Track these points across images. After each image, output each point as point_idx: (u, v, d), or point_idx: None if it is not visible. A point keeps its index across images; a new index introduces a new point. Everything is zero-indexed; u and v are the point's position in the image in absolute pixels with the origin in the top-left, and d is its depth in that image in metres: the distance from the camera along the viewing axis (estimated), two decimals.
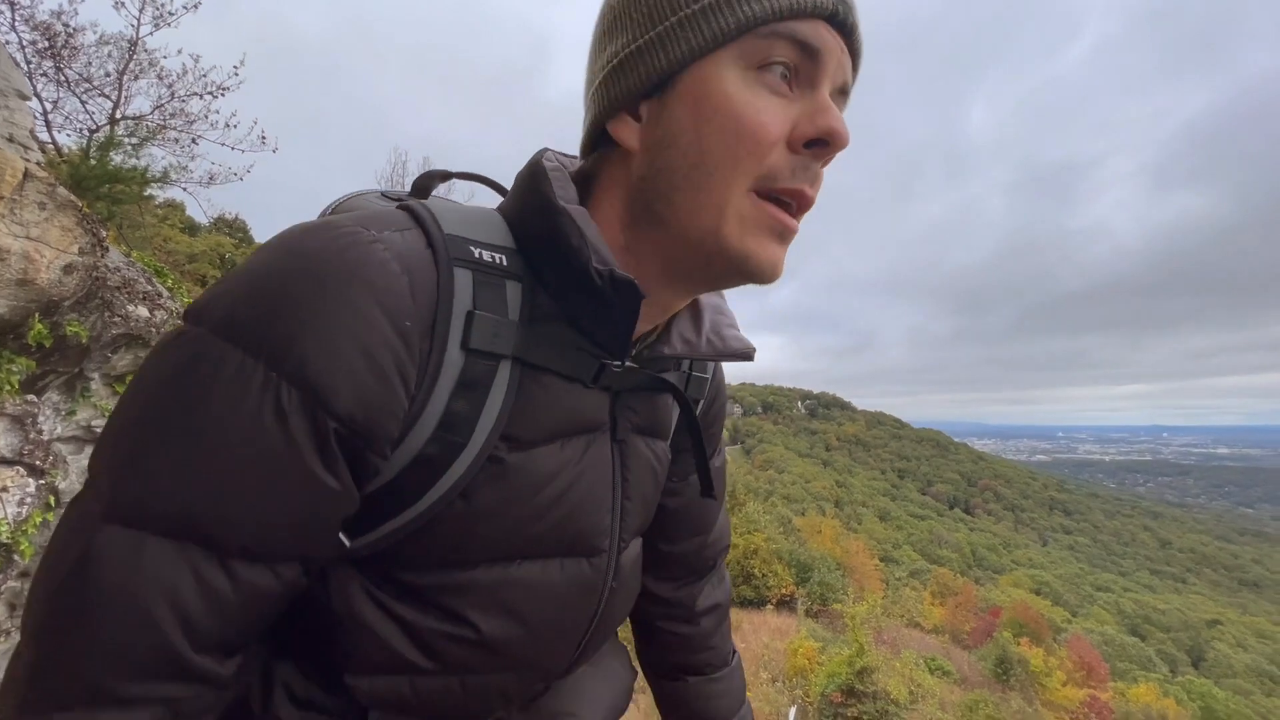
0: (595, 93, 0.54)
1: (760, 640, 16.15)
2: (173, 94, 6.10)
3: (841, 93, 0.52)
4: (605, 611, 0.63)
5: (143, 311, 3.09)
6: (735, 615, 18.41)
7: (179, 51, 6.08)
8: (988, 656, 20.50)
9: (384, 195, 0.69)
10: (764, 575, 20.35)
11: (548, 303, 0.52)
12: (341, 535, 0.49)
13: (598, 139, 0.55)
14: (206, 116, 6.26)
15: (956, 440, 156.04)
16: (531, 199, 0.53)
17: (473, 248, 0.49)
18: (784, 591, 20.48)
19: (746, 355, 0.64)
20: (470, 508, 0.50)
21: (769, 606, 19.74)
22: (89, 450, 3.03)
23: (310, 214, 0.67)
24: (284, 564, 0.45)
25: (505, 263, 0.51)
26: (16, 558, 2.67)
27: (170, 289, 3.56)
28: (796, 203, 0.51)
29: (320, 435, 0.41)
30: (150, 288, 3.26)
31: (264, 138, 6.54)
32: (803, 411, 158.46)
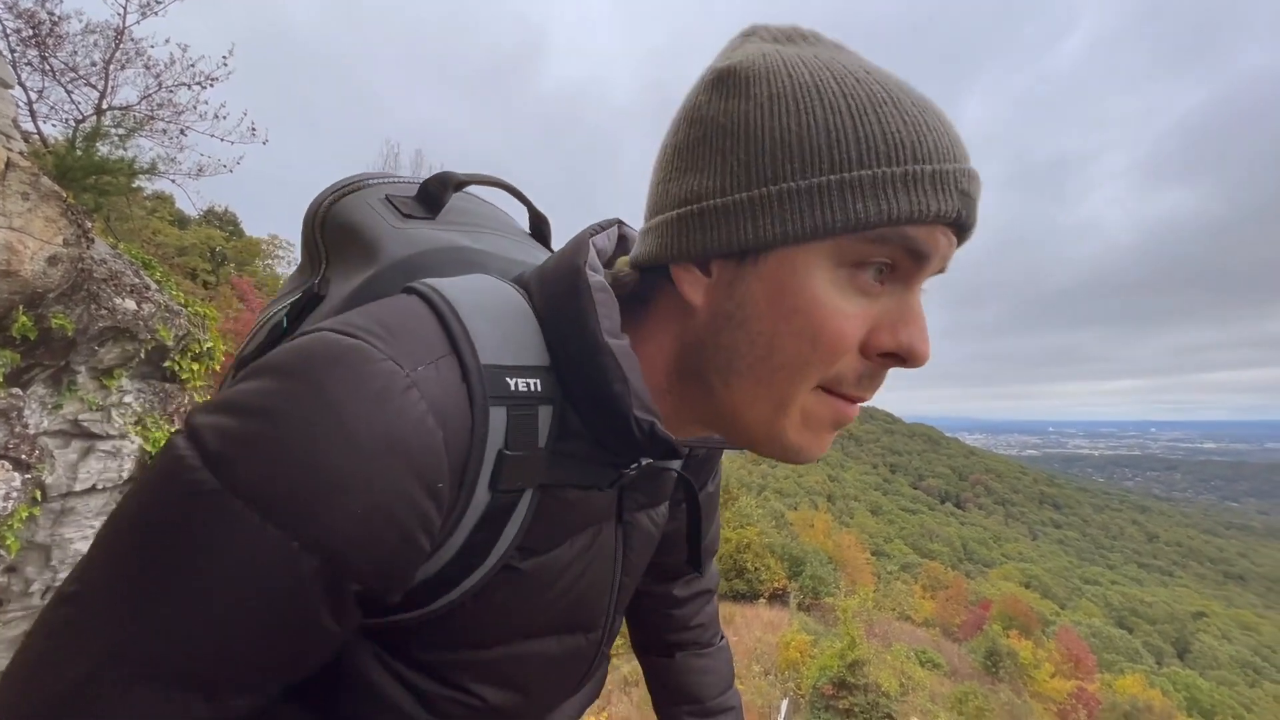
0: (666, 225, 0.49)
1: (753, 634, 16.24)
2: (160, 84, 6.01)
3: (937, 271, 0.47)
4: (592, 671, 0.67)
5: (130, 304, 3.05)
6: (728, 609, 18.49)
7: (166, 41, 6.00)
8: (977, 649, 20.71)
9: (390, 202, 0.62)
10: (756, 569, 20.44)
11: (576, 423, 0.49)
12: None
13: (659, 267, 0.50)
14: (195, 107, 6.19)
15: (948, 435, 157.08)
16: (571, 326, 0.48)
17: (509, 378, 0.45)
18: (776, 585, 20.59)
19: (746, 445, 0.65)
20: (481, 606, 0.50)
21: (761, 600, 19.83)
22: (76, 444, 3.00)
23: (301, 205, 0.63)
24: (273, 688, 0.43)
25: (540, 389, 0.47)
26: (2, 552, 2.64)
27: (159, 281, 3.52)
28: (858, 402, 0.49)
29: (337, 596, 0.40)
30: (138, 280, 3.22)
31: (254, 129, 6.47)
32: None
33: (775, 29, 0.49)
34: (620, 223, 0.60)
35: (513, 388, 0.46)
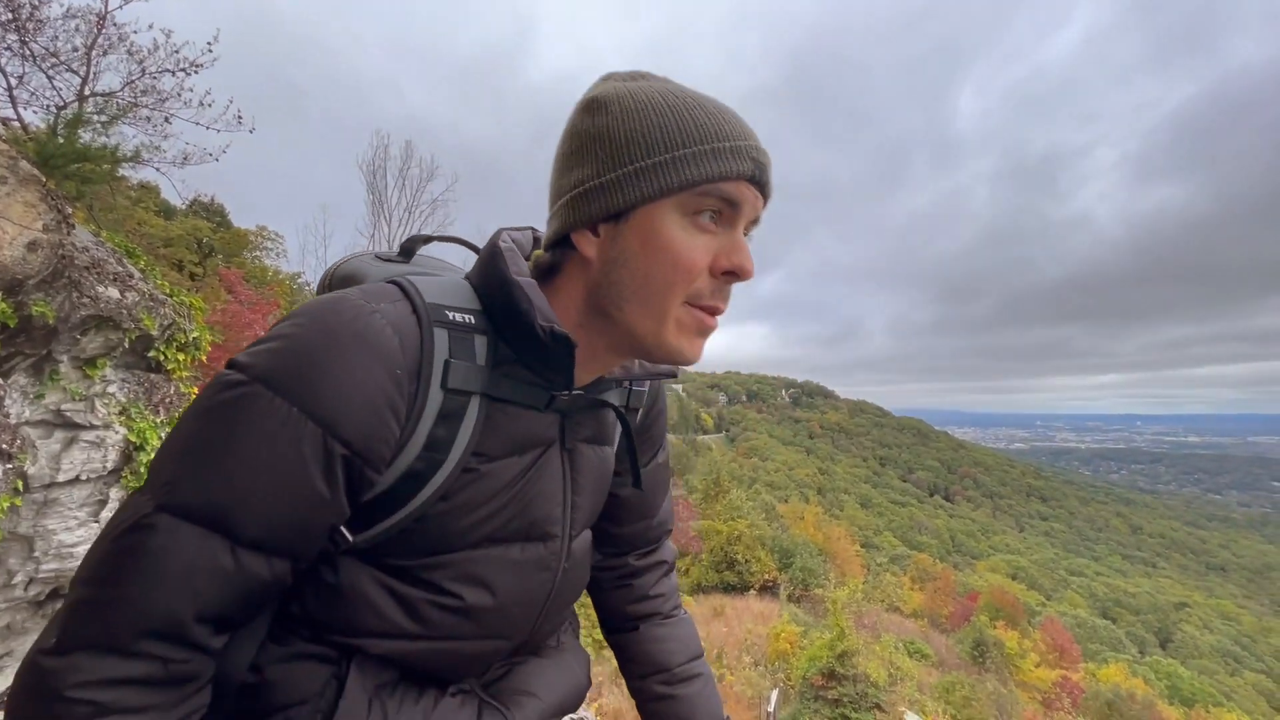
0: (563, 207, 0.67)
1: (743, 625, 16.35)
2: (144, 70, 5.88)
3: (753, 223, 0.68)
4: (560, 586, 0.77)
5: (113, 293, 3.01)
6: (719, 600, 18.60)
7: (150, 26, 5.86)
8: (965, 639, 20.96)
9: (377, 258, 0.86)
10: (747, 561, 20.57)
11: (507, 351, 0.67)
12: (345, 532, 0.62)
13: (563, 240, 0.69)
14: (180, 94, 6.05)
15: (937, 428, 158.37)
16: (491, 273, 0.68)
17: (448, 311, 0.65)
18: (767, 577, 20.73)
19: (671, 374, 0.83)
20: (449, 506, 0.65)
21: (752, 592, 19.96)
22: (58, 434, 2.96)
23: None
24: (278, 558, 0.57)
25: (473, 321, 0.66)
26: None
27: (143, 270, 3.47)
28: (717, 312, 0.67)
29: (328, 457, 0.56)
30: (121, 268, 3.17)
31: (240, 117, 6.35)
32: (786, 400, 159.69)
33: (624, 73, 0.70)
34: (534, 229, 0.79)
35: (451, 318, 0.64)
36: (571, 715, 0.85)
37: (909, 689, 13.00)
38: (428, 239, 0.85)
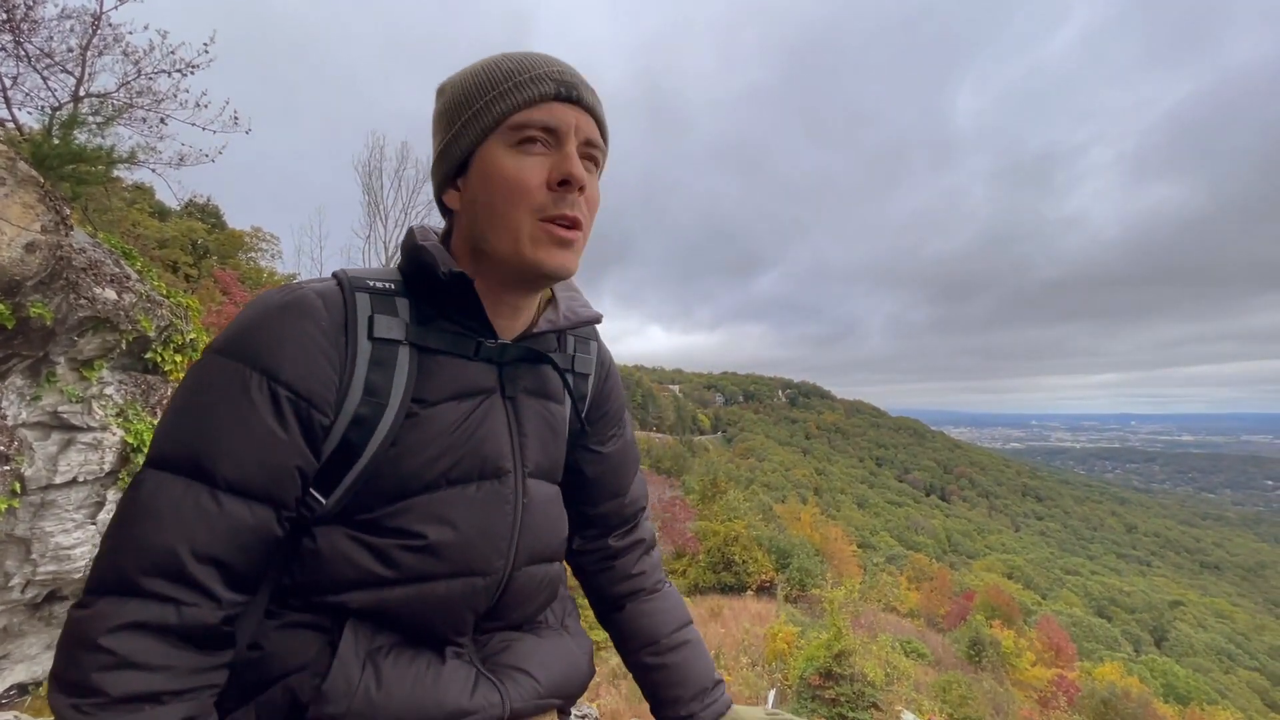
0: (432, 173, 0.81)
1: (740, 625, 16.35)
2: (139, 71, 5.87)
3: (590, 144, 0.75)
4: (524, 523, 0.81)
5: (110, 294, 3.00)
6: (716, 601, 18.60)
7: (145, 27, 5.85)
8: (961, 639, 21.00)
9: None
10: (744, 561, 20.57)
11: (429, 309, 0.76)
12: (317, 495, 0.70)
13: (443, 206, 0.80)
14: (175, 95, 6.04)
15: (933, 429, 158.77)
16: (404, 248, 0.78)
17: (370, 281, 0.75)
18: (764, 577, 20.73)
19: (595, 319, 0.90)
20: (399, 451, 0.72)
21: (749, 592, 19.96)
22: (55, 436, 2.95)
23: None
24: (257, 503, 0.65)
25: (393, 287, 0.76)
26: None
27: (139, 272, 3.46)
28: (569, 222, 0.73)
29: (274, 399, 0.65)
30: (118, 270, 3.17)
31: (236, 118, 6.34)
32: (783, 400, 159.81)
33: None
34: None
35: (372, 285, 0.74)
36: (575, 713, 0.85)
37: (906, 688, 13.03)
38: (360, 268, 0.98)
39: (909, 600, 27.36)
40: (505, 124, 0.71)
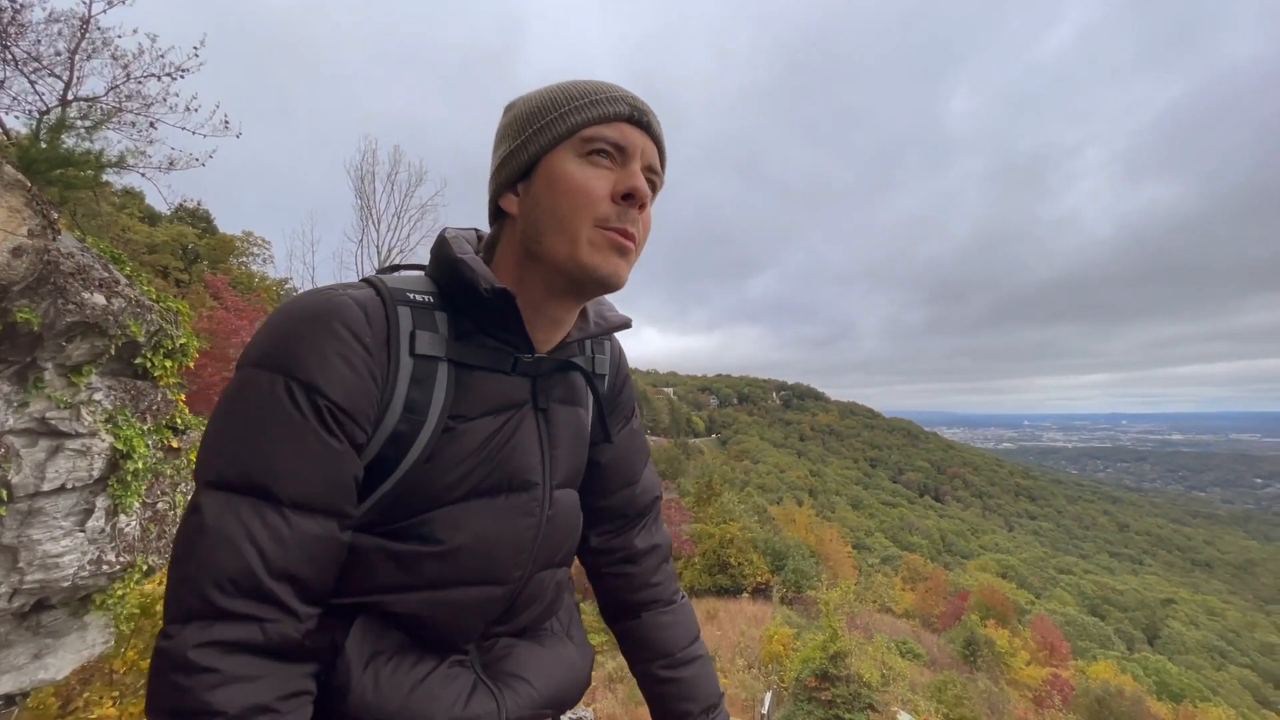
0: (491, 180, 0.81)
1: (737, 628, 16.34)
2: (128, 75, 5.83)
3: (650, 170, 0.78)
4: (546, 532, 0.82)
5: (99, 299, 2.97)
6: (712, 604, 18.58)
7: (134, 31, 5.82)
8: (956, 639, 21.06)
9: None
10: (740, 564, 20.56)
11: (467, 324, 0.76)
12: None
13: (496, 212, 0.81)
14: (165, 99, 6.01)
15: (926, 430, 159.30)
16: (440, 259, 0.78)
17: (409, 293, 0.75)
18: (759, 579, 20.73)
19: (626, 324, 0.93)
20: (433, 466, 0.72)
21: (745, 595, 19.96)
22: (43, 443, 2.92)
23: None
24: (322, 516, 0.65)
25: (433, 301, 0.76)
26: None
27: (129, 277, 3.43)
28: (628, 235, 0.75)
29: (319, 412, 0.64)
30: (107, 274, 3.14)
31: (226, 122, 6.30)
32: (777, 402, 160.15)
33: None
34: (476, 229, 0.89)
35: (412, 298, 0.74)
36: (569, 714, 0.85)
37: (902, 689, 13.06)
38: (395, 268, 0.94)
39: (904, 601, 27.44)
40: (578, 135, 0.74)
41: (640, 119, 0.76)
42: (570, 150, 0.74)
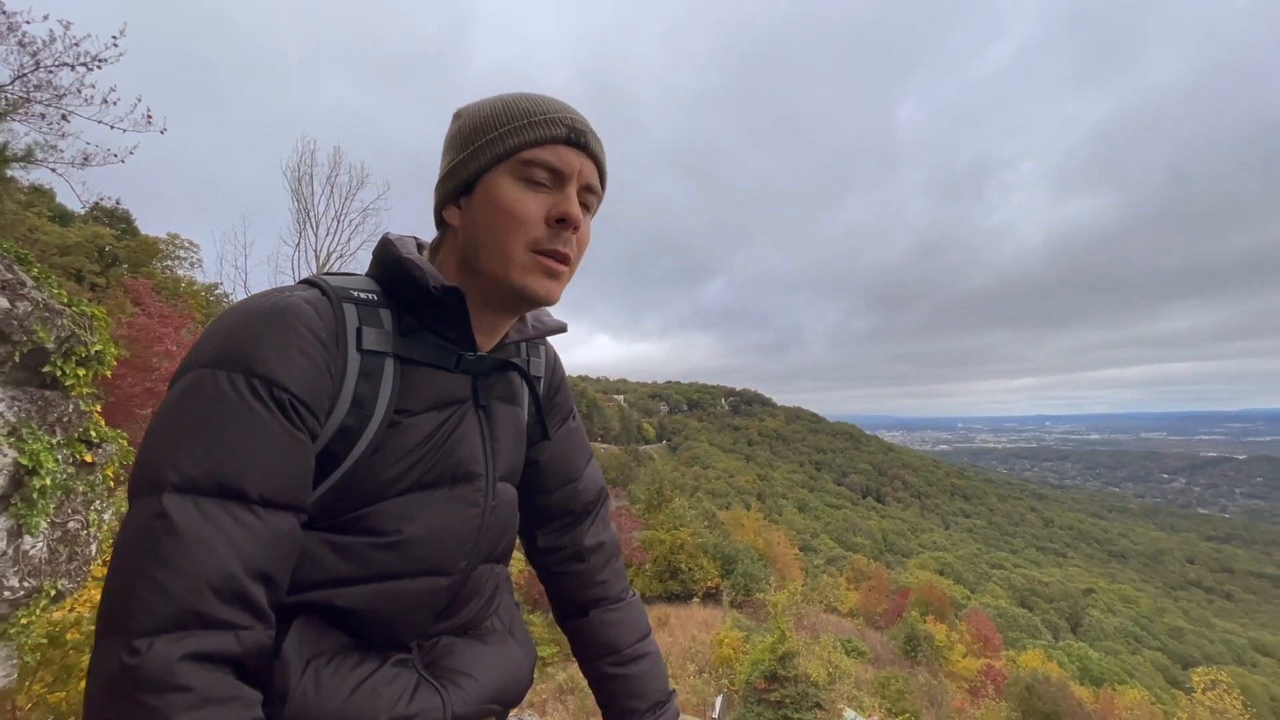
0: (436, 188, 0.83)
1: (688, 633, 16.41)
2: (37, 63, 5.43)
3: (589, 190, 0.80)
4: (488, 522, 0.85)
5: (1, 302, 2.75)
6: (663, 610, 18.61)
7: (45, 17, 5.42)
8: (898, 635, 21.79)
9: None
10: (690, 569, 20.69)
11: (411, 321, 0.78)
12: None
13: (440, 220, 0.84)
14: (79, 90, 5.62)
15: (869, 433, 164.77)
16: (385, 259, 0.79)
17: (353, 291, 0.76)
18: (710, 584, 20.90)
19: (561, 329, 0.96)
20: (380, 458, 0.73)
21: (695, 600, 20.08)
22: None
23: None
24: (290, 512, 0.65)
25: (376, 298, 0.77)
26: None
27: (36, 278, 3.18)
28: (560, 258, 0.77)
29: (281, 405, 0.64)
30: (11, 275, 2.90)
31: (149, 116, 5.95)
32: (726, 408, 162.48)
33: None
34: (416, 237, 0.90)
35: (356, 295, 0.76)
36: (514, 716, 0.86)
37: (848, 686, 13.39)
38: (329, 275, 0.98)
39: (849, 600, 28.19)
40: (516, 157, 0.76)
41: (578, 140, 0.77)
42: (508, 172, 0.76)
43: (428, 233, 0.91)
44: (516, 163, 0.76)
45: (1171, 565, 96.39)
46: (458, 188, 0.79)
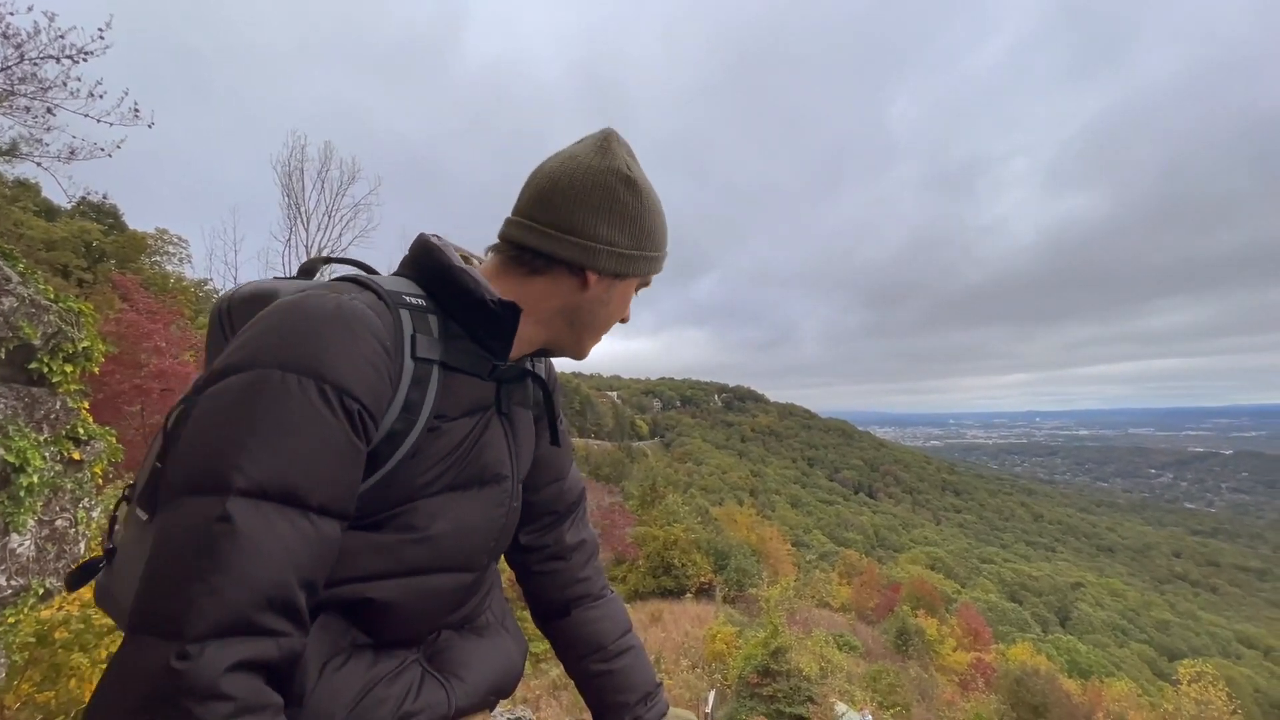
0: (584, 249, 0.80)
1: (680, 629, 16.47)
2: (21, 56, 5.35)
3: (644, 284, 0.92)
4: (510, 522, 0.90)
5: None
6: (656, 605, 18.66)
7: (29, 9, 5.35)
8: (889, 630, 21.99)
9: (277, 279, 0.93)
10: (683, 565, 20.75)
11: (455, 327, 0.79)
12: None
13: (551, 260, 0.81)
14: (65, 83, 5.55)
15: (860, 429, 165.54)
16: (430, 265, 0.80)
17: (405, 297, 0.76)
18: (703, 580, 20.99)
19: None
20: (418, 461, 0.75)
21: (689, 595, 20.15)
22: None
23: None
24: (339, 520, 0.65)
25: (425, 304, 0.78)
26: None
27: (22, 274, 3.14)
28: None
29: (350, 414, 0.64)
30: None
31: (137, 110, 5.87)
32: (719, 404, 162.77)
33: (626, 145, 0.85)
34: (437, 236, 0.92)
35: (409, 301, 0.76)
36: (509, 715, 0.88)
37: (839, 680, 13.47)
38: (326, 260, 0.97)
39: (841, 595, 28.38)
40: (646, 276, 0.89)
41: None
42: (636, 284, 0.89)
43: (419, 227, 0.92)
44: (642, 281, 0.89)
45: (1158, 559, 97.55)
46: (615, 272, 0.84)
